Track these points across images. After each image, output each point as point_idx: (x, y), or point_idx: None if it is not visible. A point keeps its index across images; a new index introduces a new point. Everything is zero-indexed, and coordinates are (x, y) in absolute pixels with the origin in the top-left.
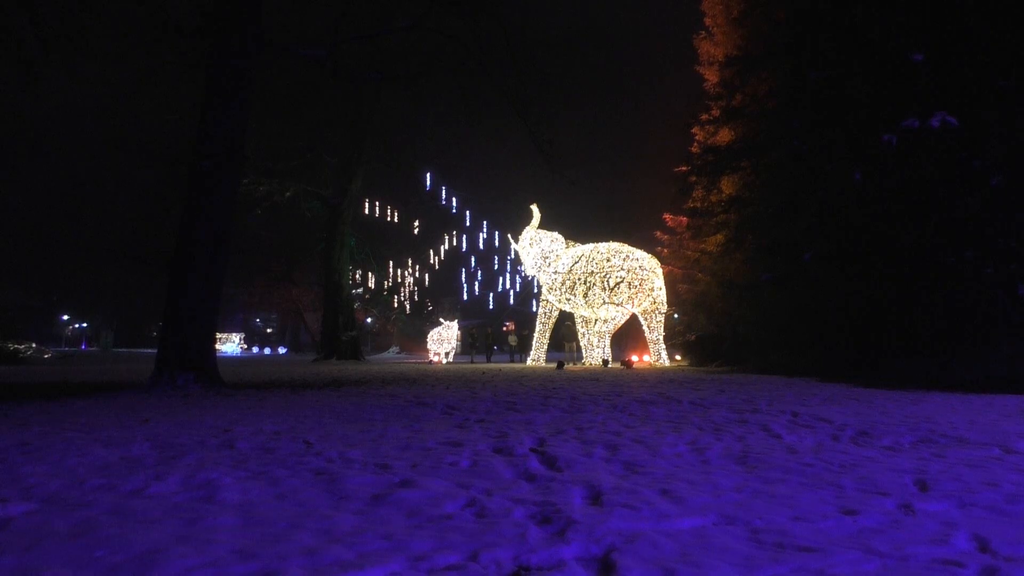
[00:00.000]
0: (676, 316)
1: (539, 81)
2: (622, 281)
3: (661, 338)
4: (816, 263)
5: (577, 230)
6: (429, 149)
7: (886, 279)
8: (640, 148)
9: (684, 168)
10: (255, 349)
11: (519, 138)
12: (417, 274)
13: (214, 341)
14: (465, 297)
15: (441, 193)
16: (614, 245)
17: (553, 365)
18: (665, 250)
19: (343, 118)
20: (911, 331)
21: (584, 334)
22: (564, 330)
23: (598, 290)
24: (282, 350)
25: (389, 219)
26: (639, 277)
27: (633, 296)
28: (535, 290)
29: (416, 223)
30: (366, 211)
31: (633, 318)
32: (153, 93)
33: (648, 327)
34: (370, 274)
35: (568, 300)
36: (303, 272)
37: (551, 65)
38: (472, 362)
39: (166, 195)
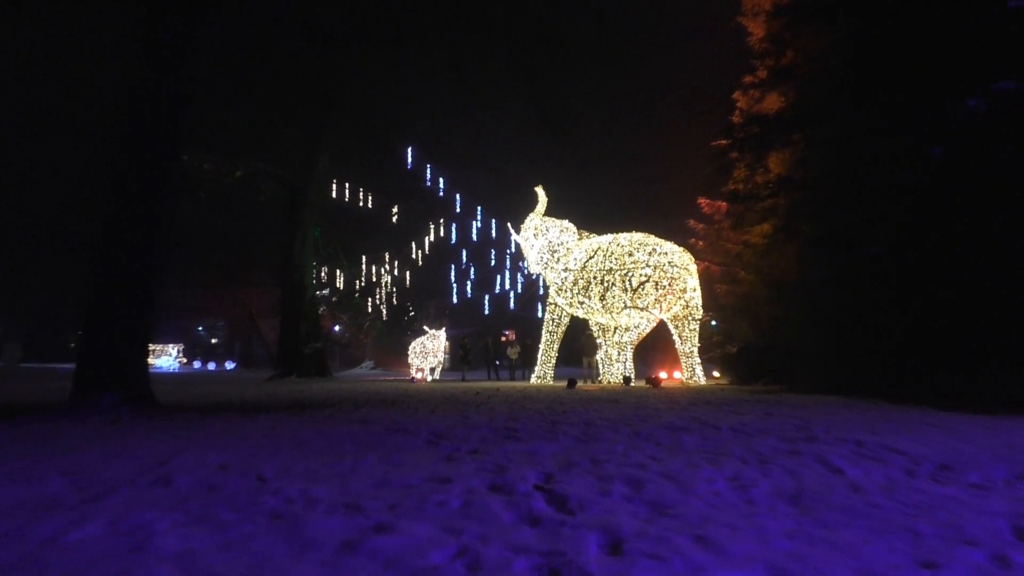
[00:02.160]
0: (713, 324)
1: (545, 41)
2: (647, 280)
3: (695, 351)
4: (886, 259)
5: (592, 218)
6: (412, 121)
7: (975, 279)
8: (669, 119)
9: (723, 142)
10: (197, 364)
11: (521, 109)
12: (396, 272)
13: (147, 354)
14: (455, 300)
15: (425, 173)
16: (637, 236)
17: (563, 383)
18: (700, 242)
19: (307, 83)
20: (1007, 343)
21: (601, 346)
22: (584, 341)
23: (618, 291)
24: (230, 365)
25: (362, 205)
26: (668, 275)
27: (661, 299)
28: (540, 291)
29: (395, 209)
30: (334, 195)
31: (661, 326)
32: (83, 56)
33: (679, 337)
34: (339, 272)
35: (581, 304)
36: (257, 270)
37: (559, 21)
38: (463, 380)
39: (92, 176)
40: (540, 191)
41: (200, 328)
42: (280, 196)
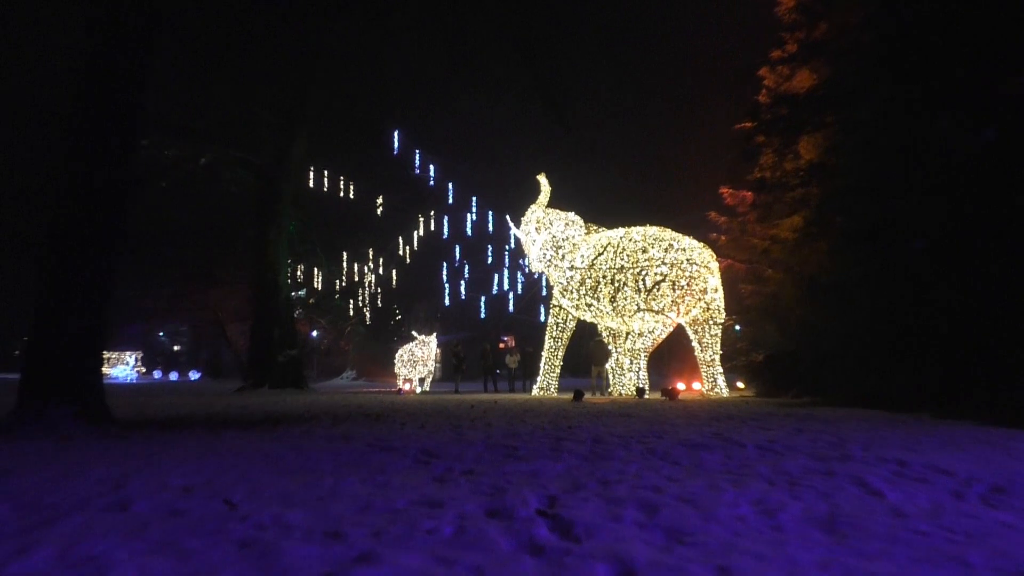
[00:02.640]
0: (737, 328)
1: (547, 13)
2: (663, 279)
3: (717, 358)
4: (931, 254)
5: (601, 210)
6: (399, 102)
7: None
8: (687, 100)
9: (748, 124)
10: (158, 374)
11: (521, 89)
12: (381, 270)
13: (101, 363)
14: (447, 301)
15: (414, 160)
16: (653, 230)
17: (568, 396)
18: (722, 237)
19: (282, 60)
20: None
21: (611, 353)
22: (592, 348)
23: (630, 292)
24: (195, 375)
25: (343, 195)
26: (687, 274)
27: (679, 300)
28: (543, 292)
29: (380, 201)
30: (312, 184)
31: (679, 331)
32: (29, 30)
33: (699, 343)
34: (317, 271)
35: (589, 306)
36: (225, 268)
37: None
38: (456, 392)
39: (41, 164)
40: (543, 180)
41: (161, 334)
42: (251, 186)
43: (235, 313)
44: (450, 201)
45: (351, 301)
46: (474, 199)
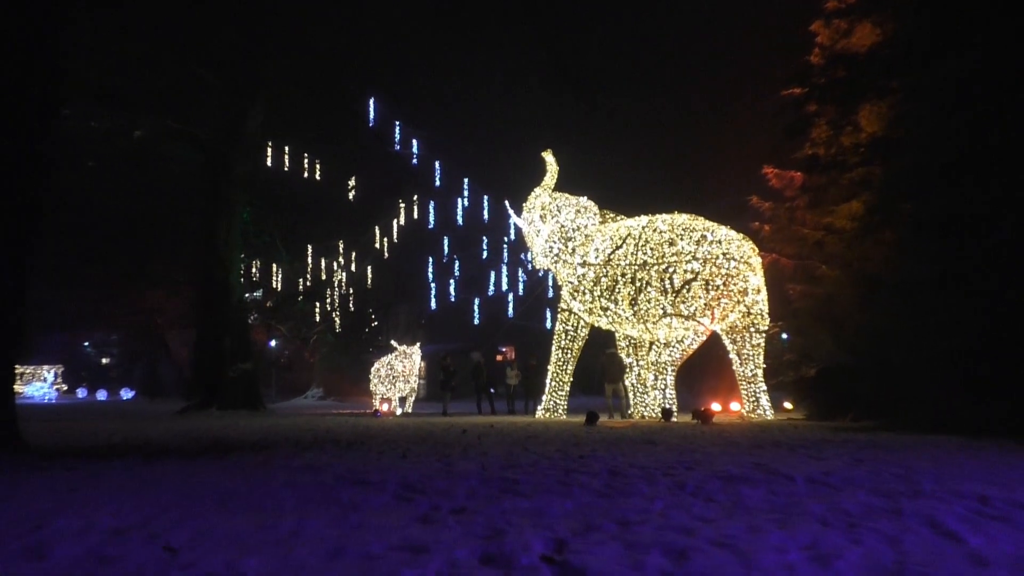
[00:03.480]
0: (784, 337)
1: None
2: (695, 278)
3: (759, 374)
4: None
5: (620, 194)
6: (376, 64)
7: None
8: (723, 61)
9: (797, 90)
10: (82, 392)
11: (524, 49)
12: (354, 267)
13: (13, 379)
14: (434, 304)
15: (393, 134)
16: (682, 219)
17: (579, 419)
18: (766, 227)
19: (232, 9)
20: None
21: (632, 367)
22: (608, 361)
23: (655, 293)
24: (128, 394)
25: (308, 176)
26: (723, 272)
27: (713, 303)
28: (549, 293)
29: (352, 183)
30: (269, 163)
31: (713, 341)
32: None
33: (738, 355)
34: (276, 268)
35: (604, 310)
36: (164, 265)
37: None
38: (445, 414)
39: None
40: (549, 157)
41: (87, 344)
42: (196, 165)
43: (177, 319)
44: (437, 183)
45: (317, 304)
46: (466, 181)
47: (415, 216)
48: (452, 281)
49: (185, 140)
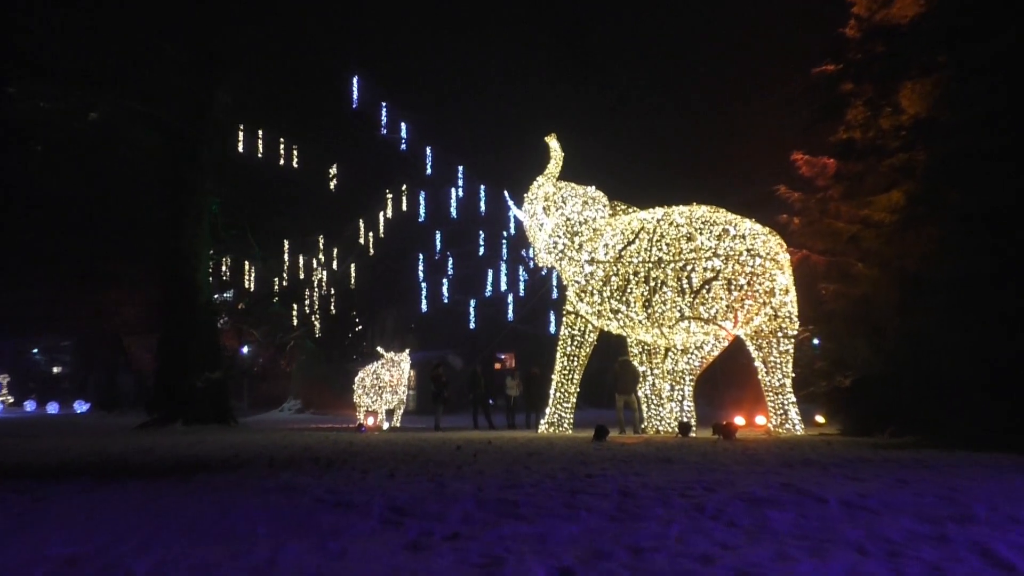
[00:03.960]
0: (816, 343)
1: None
2: (715, 277)
3: (788, 383)
4: None
5: (633, 184)
6: (360, 39)
7: None
8: (746, 33)
9: (830, 67)
10: (30, 405)
11: (526, 24)
12: (336, 265)
13: None
14: (424, 306)
15: (380, 117)
16: (702, 211)
17: (587, 434)
18: (796, 219)
19: None
20: None
21: (646, 377)
22: (619, 370)
23: (671, 294)
24: (82, 407)
25: (284, 164)
26: (747, 270)
27: (736, 305)
28: (554, 294)
29: (333, 171)
30: (240, 148)
31: (736, 347)
32: None
33: (764, 363)
34: (249, 265)
35: (615, 313)
36: (123, 262)
37: None
38: (437, 428)
39: None
40: (553, 143)
41: (35, 351)
42: (158, 150)
43: (137, 323)
44: (428, 171)
45: (295, 306)
46: (460, 169)
47: (404, 208)
48: (445, 281)
49: (146, 122)
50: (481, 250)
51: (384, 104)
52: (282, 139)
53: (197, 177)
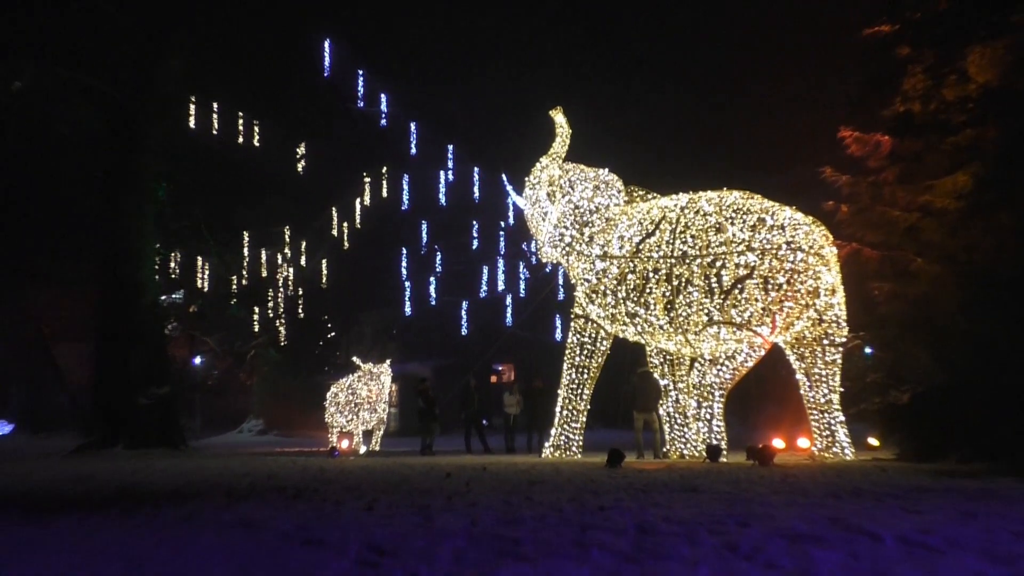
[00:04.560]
0: (868, 352)
1: None
2: (750, 274)
3: (835, 399)
4: None
5: (654, 165)
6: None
7: None
8: None
9: (885, 28)
10: None
11: None
12: (304, 261)
13: None
14: (408, 309)
15: (356, 86)
16: (733, 197)
17: (598, 458)
18: (843, 207)
19: None
20: None
21: (668, 392)
22: (637, 383)
23: (697, 295)
24: (4, 428)
25: (243, 142)
26: (787, 266)
27: (774, 308)
28: (560, 295)
29: (301, 151)
30: (193, 124)
31: (775, 357)
32: None
33: (807, 375)
34: (202, 262)
35: (632, 317)
36: (54, 258)
37: None
38: (428, 451)
39: None
40: (559, 118)
41: None
42: (95, 127)
43: (69, 329)
44: (413, 151)
45: (256, 310)
46: (450, 148)
47: (384, 194)
48: (433, 280)
49: (81, 94)
50: (475, 243)
51: (361, 73)
52: (241, 114)
53: (141, 159)
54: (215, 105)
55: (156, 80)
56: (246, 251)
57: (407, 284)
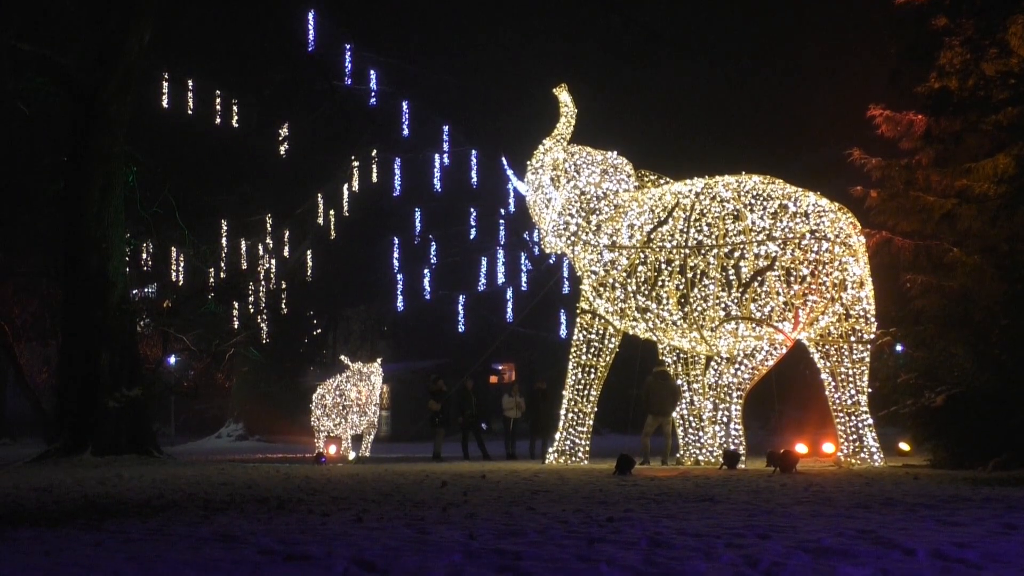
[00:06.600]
0: (899, 349)
1: None
2: (770, 265)
3: (863, 401)
4: None
5: (667, 147)
6: None
7: None
8: None
9: None
10: None
11: None
12: (287, 252)
13: None
14: (400, 304)
15: (343, 61)
16: (753, 182)
17: (606, 465)
18: (873, 192)
19: None
20: None
21: (682, 393)
22: (651, 384)
23: (714, 288)
24: None
25: (220, 122)
26: (811, 256)
27: (797, 302)
28: (565, 288)
29: (283, 132)
30: (165, 103)
31: (798, 355)
32: None
33: (833, 375)
34: (176, 253)
35: (643, 312)
36: (12, 252)
37: None
38: (437, 458)
39: None
40: (564, 96)
41: None
42: (57, 105)
43: (29, 326)
44: (405, 132)
45: (236, 305)
46: (446, 129)
47: (374, 179)
48: (427, 272)
49: (39, 68)
50: (472, 233)
51: (348, 47)
52: (218, 91)
53: (106, 140)
54: (189, 82)
55: (121, 52)
56: (224, 241)
57: (399, 277)
